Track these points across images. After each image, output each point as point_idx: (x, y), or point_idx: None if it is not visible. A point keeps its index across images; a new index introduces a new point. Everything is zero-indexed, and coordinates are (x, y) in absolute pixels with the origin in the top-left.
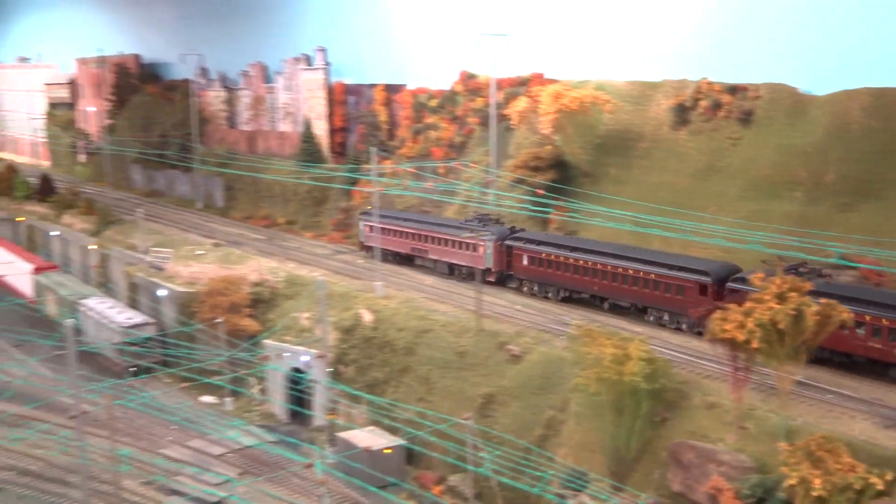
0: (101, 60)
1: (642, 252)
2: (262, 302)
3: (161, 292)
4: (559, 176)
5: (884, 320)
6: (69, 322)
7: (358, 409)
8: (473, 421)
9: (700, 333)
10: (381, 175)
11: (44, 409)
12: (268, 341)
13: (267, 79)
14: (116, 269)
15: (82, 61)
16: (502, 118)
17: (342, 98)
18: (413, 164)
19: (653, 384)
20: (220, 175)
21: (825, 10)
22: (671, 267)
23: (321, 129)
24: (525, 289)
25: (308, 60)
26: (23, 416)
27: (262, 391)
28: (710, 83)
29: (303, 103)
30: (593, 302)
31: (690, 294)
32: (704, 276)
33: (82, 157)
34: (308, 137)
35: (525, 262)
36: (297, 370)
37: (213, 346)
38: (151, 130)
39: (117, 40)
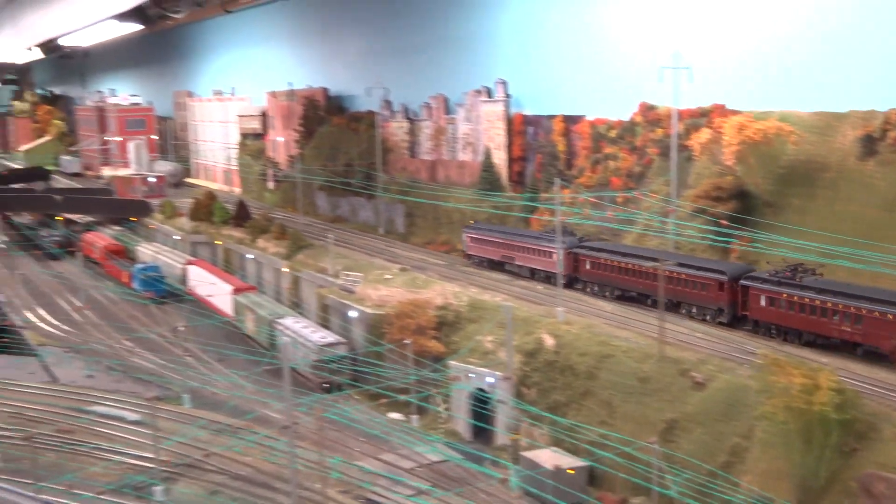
0: (291, 93)
1: (674, 256)
2: (446, 325)
3: (352, 314)
4: (741, 206)
5: None
6: (285, 341)
7: (540, 430)
8: (657, 445)
9: (721, 324)
10: (561, 204)
11: (250, 420)
12: (453, 362)
13: (448, 110)
14: (307, 290)
15: (273, 94)
16: (682, 149)
17: (521, 129)
18: (593, 193)
19: (843, 414)
20: (402, 202)
21: None
22: (696, 268)
23: (500, 159)
24: (587, 290)
25: (489, 93)
26: (234, 427)
27: (448, 409)
28: None
29: (482, 134)
30: (640, 299)
31: (711, 290)
32: (722, 275)
33: (271, 185)
34: (488, 167)
35: (588, 266)
36: (482, 390)
37: (401, 365)
38: (337, 159)
39: (306, 74)
